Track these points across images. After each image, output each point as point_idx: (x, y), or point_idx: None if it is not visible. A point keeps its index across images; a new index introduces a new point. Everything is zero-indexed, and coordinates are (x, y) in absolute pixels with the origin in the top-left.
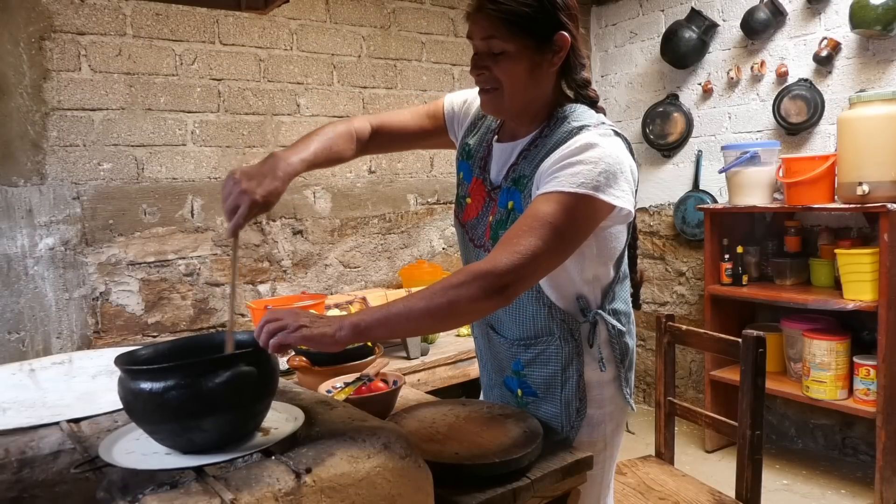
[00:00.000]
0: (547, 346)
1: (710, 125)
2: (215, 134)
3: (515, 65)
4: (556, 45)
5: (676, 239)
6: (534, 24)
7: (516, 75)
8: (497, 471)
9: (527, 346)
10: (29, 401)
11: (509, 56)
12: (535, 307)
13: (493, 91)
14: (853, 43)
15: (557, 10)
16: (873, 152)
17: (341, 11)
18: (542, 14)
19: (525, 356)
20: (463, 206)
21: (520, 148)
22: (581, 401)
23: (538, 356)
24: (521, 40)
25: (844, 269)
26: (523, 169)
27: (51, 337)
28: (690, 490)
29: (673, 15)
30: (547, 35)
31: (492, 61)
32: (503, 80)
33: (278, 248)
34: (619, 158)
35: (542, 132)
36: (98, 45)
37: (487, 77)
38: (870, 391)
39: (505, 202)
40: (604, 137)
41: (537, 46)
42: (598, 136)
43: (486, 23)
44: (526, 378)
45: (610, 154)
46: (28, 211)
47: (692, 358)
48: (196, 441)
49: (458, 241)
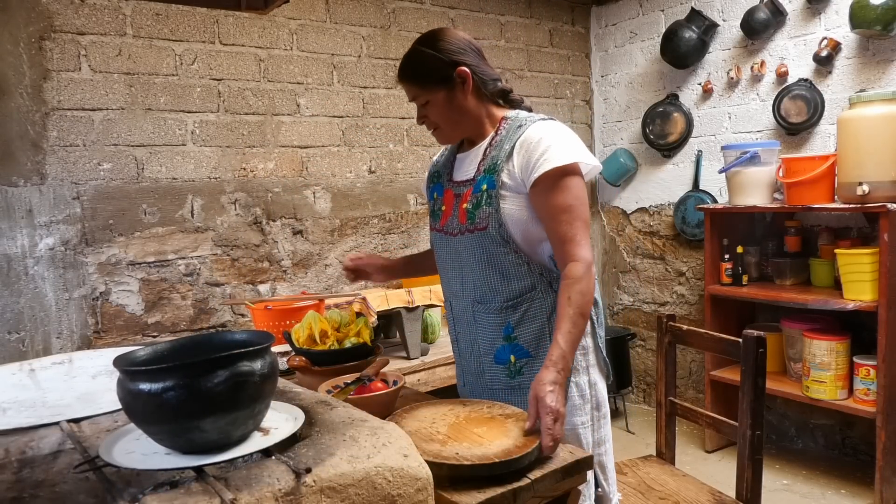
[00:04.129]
0: (531, 302)
1: (710, 125)
2: (215, 134)
3: (439, 107)
4: (459, 78)
5: (676, 239)
6: (435, 74)
7: (444, 113)
8: (498, 471)
9: (514, 306)
10: (29, 401)
11: (432, 103)
12: (517, 267)
13: (437, 129)
14: (853, 43)
15: (448, 54)
16: (873, 152)
17: (341, 11)
18: (437, 64)
19: (514, 317)
20: (439, 216)
21: (483, 147)
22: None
23: (525, 313)
24: (433, 89)
25: (844, 269)
26: (493, 158)
27: (51, 337)
28: (691, 490)
29: (673, 15)
30: (449, 76)
31: (425, 111)
32: (438, 120)
33: (278, 247)
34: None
35: (497, 132)
36: (98, 45)
37: (428, 122)
38: (870, 391)
39: (479, 186)
40: (550, 123)
41: (447, 87)
42: (546, 122)
43: (407, 87)
44: (517, 339)
45: (563, 129)
46: (28, 211)
47: (692, 358)
48: (195, 441)
49: (434, 247)
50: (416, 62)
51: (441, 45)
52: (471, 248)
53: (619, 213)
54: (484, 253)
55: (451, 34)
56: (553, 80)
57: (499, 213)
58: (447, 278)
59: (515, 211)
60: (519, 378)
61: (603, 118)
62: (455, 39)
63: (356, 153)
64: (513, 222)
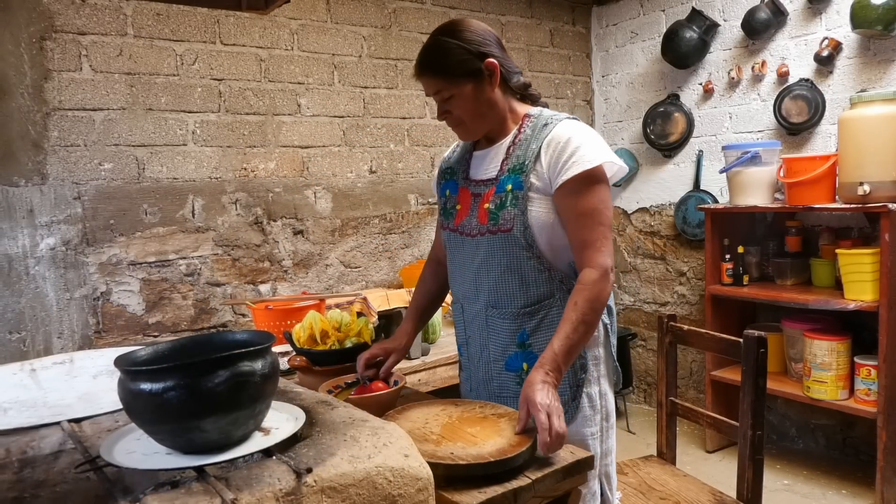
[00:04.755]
0: (549, 310)
1: (711, 125)
2: (216, 134)
3: (465, 101)
4: (487, 70)
5: (677, 239)
6: (463, 66)
7: (470, 108)
8: (493, 470)
9: (531, 313)
10: (30, 401)
11: (458, 97)
12: (537, 273)
13: (461, 125)
14: (854, 43)
15: (475, 45)
16: (874, 152)
17: (342, 11)
18: (466, 56)
19: (530, 324)
20: (452, 215)
21: (506, 145)
22: (583, 357)
23: (542, 321)
24: (460, 82)
25: (845, 269)
26: (519, 158)
27: (52, 337)
28: (692, 490)
29: (674, 15)
30: (477, 68)
31: (448, 105)
32: (463, 115)
33: (279, 247)
34: (590, 130)
35: (520, 129)
36: (99, 45)
37: (451, 118)
38: (871, 391)
39: (504, 186)
40: (570, 122)
41: (474, 80)
42: (569, 125)
43: (429, 81)
44: (531, 347)
45: (588, 129)
46: (29, 211)
47: (693, 358)
48: (196, 441)
49: (446, 246)
50: (441, 54)
51: (467, 36)
52: (490, 249)
53: (620, 213)
54: (504, 256)
55: (474, 24)
56: (554, 80)
57: (525, 216)
58: (460, 280)
59: (543, 214)
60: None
61: (604, 118)
62: (479, 30)
63: (357, 153)
64: (539, 225)
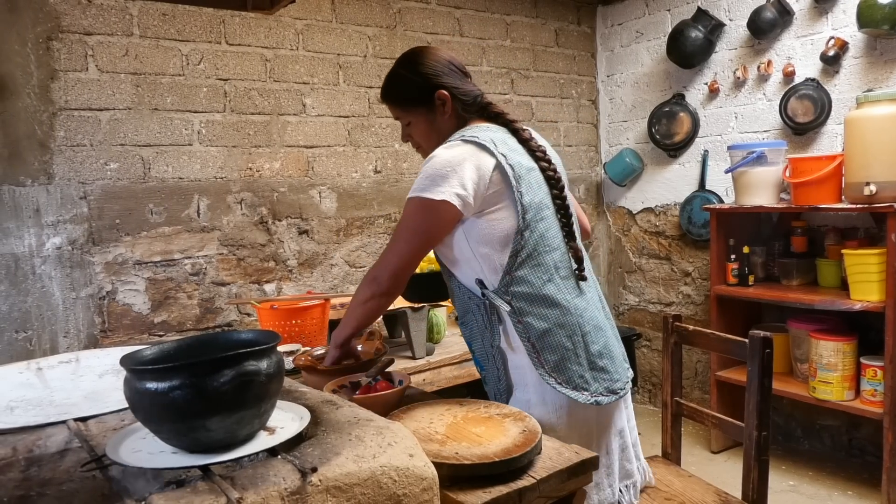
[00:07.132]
0: (473, 322)
1: (717, 125)
2: (221, 134)
3: (421, 128)
4: (439, 100)
5: (682, 239)
6: (416, 97)
7: (425, 133)
8: (498, 470)
9: (464, 322)
10: (36, 399)
11: (414, 124)
12: (453, 287)
13: (419, 148)
14: (860, 42)
15: (430, 77)
16: (880, 152)
17: (347, 11)
18: (417, 87)
19: (465, 332)
20: None
21: None
22: (505, 373)
23: (471, 332)
24: (414, 111)
25: (851, 269)
26: None
27: (58, 336)
28: (697, 490)
29: (679, 14)
30: (429, 98)
31: (408, 130)
32: (420, 140)
33: (284, 247)
34: (452, 161)
35: None
36: (105, 46)
37: (412, 141)
38: (877, 392)
39: None
40: (446, 149)
41: (427, 108)
42: (441, 149)
43: (389, 108)
44: (474, 352)
45: (441, 160)
46: (35, 210)
47: (698, 358)
48: (202, 440)
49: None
50: (397, 85)
51: (422, 69)
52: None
53: (625, 213)
54: (444, 271)
55: (431, 55)
56: (559, 79)
57: None
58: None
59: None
60: (486, 387)
61: (609, 118)
62: (434, 61)
63: (362, 153)
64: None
